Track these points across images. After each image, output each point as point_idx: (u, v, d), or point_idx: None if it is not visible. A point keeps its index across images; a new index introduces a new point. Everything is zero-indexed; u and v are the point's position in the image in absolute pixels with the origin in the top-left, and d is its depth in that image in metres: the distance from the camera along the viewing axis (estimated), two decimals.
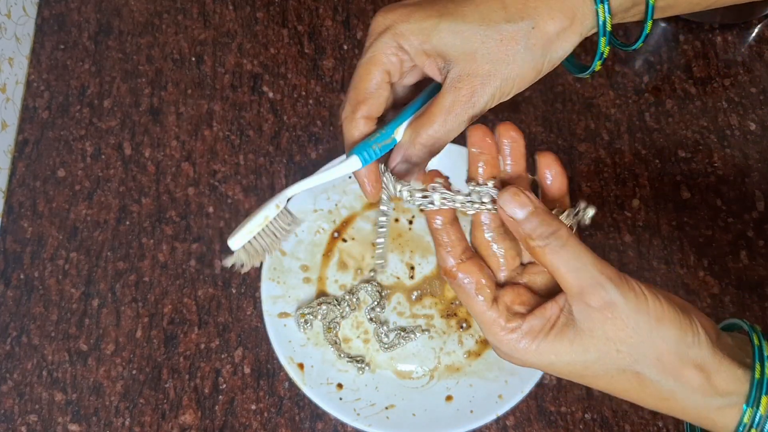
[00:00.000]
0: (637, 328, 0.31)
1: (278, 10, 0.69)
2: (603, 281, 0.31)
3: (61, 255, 0.59)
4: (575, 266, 0.32)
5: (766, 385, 0.31)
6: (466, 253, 0.35)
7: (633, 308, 0.31)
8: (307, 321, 0.55)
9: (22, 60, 0.66)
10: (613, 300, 0.31)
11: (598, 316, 0.31)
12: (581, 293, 0.31)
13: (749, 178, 0.61)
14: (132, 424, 0.54)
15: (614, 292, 0.31)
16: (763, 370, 0.31)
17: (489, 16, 0.34)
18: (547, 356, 0.33)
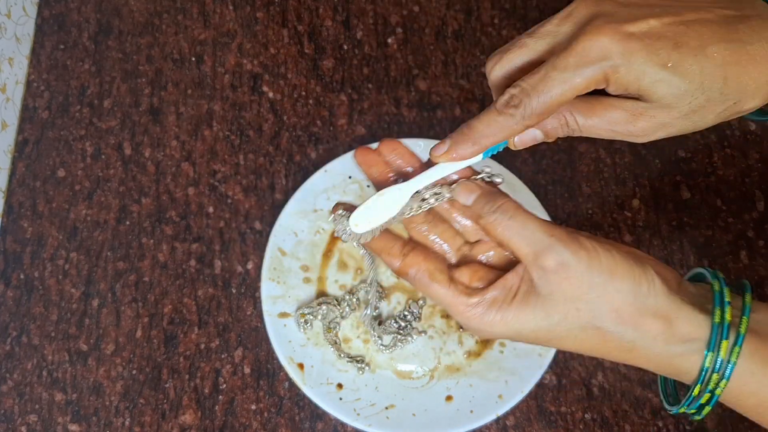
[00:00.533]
0: (591, 284, 0.32)
1: (278, 10, 0.69)
2: (553, 243, 0.32)
3: (61, 255, 0.59)
4: (525, 234, 0.33)
5: (726, 330, 0.31)
6: (406, 248, 0.37)
7: (585, 265, 0.32)
8: (307, 321, 0.55)
9: (22, 60, 0.66)
10: (565, 260, 0.32)
11: (554, 278, 0.32)
12: (535, 258, 0.32)
13: (749, 178, 0.61)
14: (132, 424, 0.54)
15: (565, 252, 0.32)
16: (723, 315, 0.32)
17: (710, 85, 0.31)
18: (513, 325, 0.33)
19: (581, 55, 0.31)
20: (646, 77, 0.31)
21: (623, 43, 0.30)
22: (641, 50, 0.31)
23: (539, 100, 0.32)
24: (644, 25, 0.31)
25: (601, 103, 0.33)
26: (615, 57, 0.31)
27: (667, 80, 0.31)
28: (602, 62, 0.31)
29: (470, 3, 0.69)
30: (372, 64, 0.66)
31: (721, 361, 0.31)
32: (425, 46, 0.67)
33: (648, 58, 0.31)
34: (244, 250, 0.59)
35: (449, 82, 0.65)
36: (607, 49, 0.31)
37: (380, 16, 0.68)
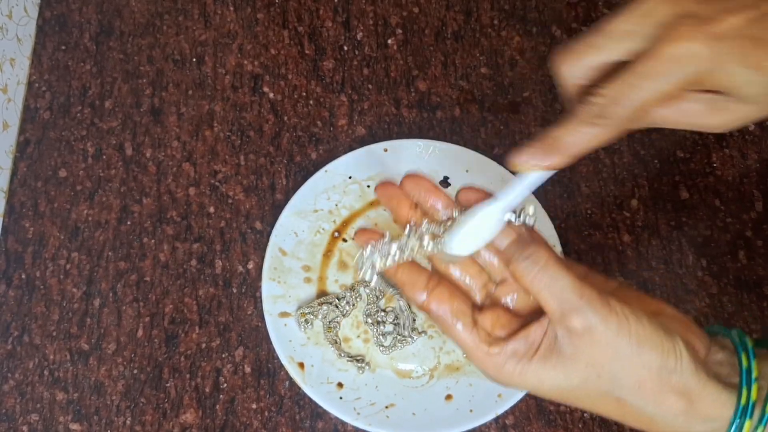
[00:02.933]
0: (616, 353, 0.31)
1: (279, 11, 0.69)
2: (582, 305, 0.31)
3: (63, 255, 0.59)
4: (554, 290, 0.31)
5: (750, 410, 0.30)
6: (431, 283, 0.35)
7: (614, 333, 0.30)
8: (307, 321, 0.55)
9: (24, 61, 0.66)
10: (593, 324, 0.30)
11: (579, 341, 0.31)
12: (562, 318, 0.31)
13: (748, 178, 0.62)
14: (133, 423, 0.54)
15: (593, 316, 0.30)
16: (749, 396, 0.31)
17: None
18: (531, 380, 0.32)
19: (669, 60, 0.29)
20: (736, 79, 0.30)
21: (711, 46, 0.29)
22: (731, 53, 0.29)
23: (626, 108, 0.30)
24: (727, 24, 0.29)
25: (680, 97, 0.32)
26: (705, 62, 0.29)
27: (757, 81, 0.30)
28: (692, 67, 0.29)
29: (470, 4, 0.69)
30: (372, 65, 0.66)
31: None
32: (425, 47, 0.67)
33: (739, 61, 0.29)
34: (244, 249, 0.60)
35: (449, 82, 0.66)
36: (696, 54, 0.29)
37: (380, 17, 0.68)
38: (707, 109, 0.31)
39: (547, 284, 0.31)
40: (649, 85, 0.30)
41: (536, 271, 0.32)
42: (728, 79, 0.30)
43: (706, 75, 0.30)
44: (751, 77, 0.29)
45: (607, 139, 0.31)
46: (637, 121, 0.31)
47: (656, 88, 0.30)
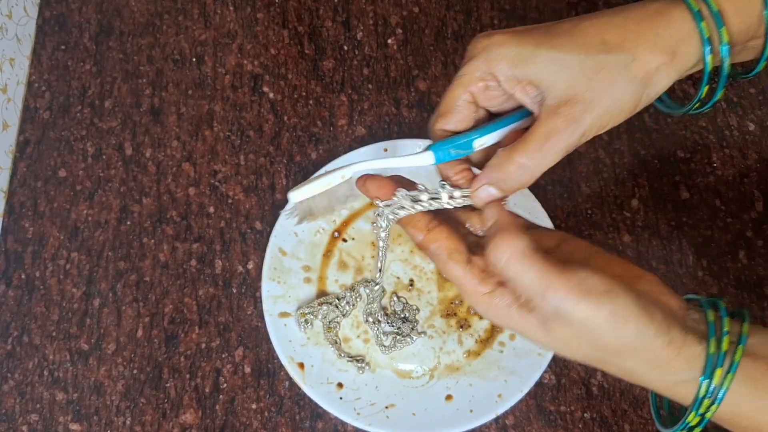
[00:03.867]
0: (592, 331, 0.32)
1: (278, 10, 0.69)
2: (548, 298, 0.32)
3: (62, 255, 0.59)
4: (521, 284, 0.33)
5: (721, 359, 0.32)
6: (432, 223, 0.37)
7: (586, 316, 0.32)
8: (307, 321, 0.55)
9: (23, 60, 0.66)
10: (564, 313, 0.32)
11: (553, 324, 0.33)
12: (534, 304, 0.33)
13: (748, 178, 0.61)
14: (133, 423, 0.54)
15: (562, 306, 0.32)
16: (718, 345, 0.32)
17: (588, 47, 0.34)
18: (515, 326, 0.34)
19: (465, 56, 0.38)
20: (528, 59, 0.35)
21: (498, 36, 0.36)
22: (513, 37, 0.36)
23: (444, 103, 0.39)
24: (519, 28, 0.37)
25: (525, 133, 0.36)
26: (492, 47, 0.36)
27: (547, 56, 0.35)
28: (482, 54, 0.36)
29: (470, 4, 0.69)
30: (372, 65, 0.66)
31: (714, 388, 0.32)
32: (425, 47, 0.67)
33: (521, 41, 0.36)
34: (244, 249, 0.60)
35: (449, 82, 0.65)
36: (484, 43, 0.36)
37: (380, 17, 0.68)
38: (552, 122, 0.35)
39: (513, 278, 0.33)
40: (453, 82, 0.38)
41: (501, 265, 0.33)
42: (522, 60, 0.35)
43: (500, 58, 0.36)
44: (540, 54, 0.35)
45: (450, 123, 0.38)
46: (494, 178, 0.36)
47: (458, 81, 0.38)
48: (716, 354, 0.32)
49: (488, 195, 0.36)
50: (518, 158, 0.35)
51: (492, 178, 0.36)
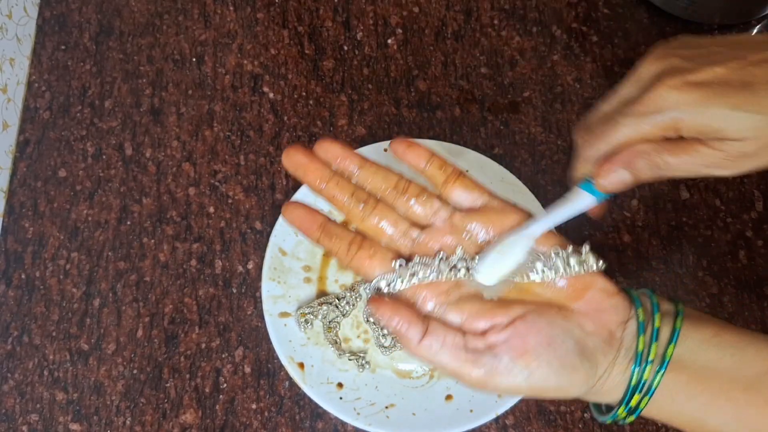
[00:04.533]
0: (519, 391, 0.34)
1: (278, 10, 0.69)
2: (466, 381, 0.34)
3: (62, 255, 0.59)
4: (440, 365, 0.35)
5: (641, 387, 0.34)
6: (353, 246, 0.36)
7: (509, 387, 0.34)
8: (307, 321, 0.55)
9: (23, 60, 0.66)
10: (487, 384, 0.34)
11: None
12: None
13: (748, 178, 0.61)
14: (133, 423, 0.54)
15: (485, 381, 0.34)
16: (648, 344, 0.34)
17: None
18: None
19: (648, 105, 0.33)
20: (719, 120, 0.32)
21: (690, 92, 0.32)
22: (710, 96, 0.32)
23: (606, 141, 0.35)
24: (710, 73, 0.32)
25: (684, 143, 0.34)
26: (682, 106, 0.32)
27: (741, 118, 0.32)
28: (670, 112, 0.32)
29: (470, 4, 0.69)
30: (372, 65, 0.66)
31: (644, 382, 0.34)
32: (425, 47, 0.67)
33: (718, 103, 0.32)
34: (244, 250, 0.60)
35: (449, 82, 0.65)
36: (674, 99, 0.32)
37: (380, 17, 0.68)
38: (711, 152, 0.34)
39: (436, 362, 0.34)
40: (628, 122, 0.33)
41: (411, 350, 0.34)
42: (709, 122, 0.32)
43: (684, 120, 0.32)
44: (730, 116, 0.32)
45: (588, 168, 0.37)
46: (640, 168, 0.35)
47: (633, 125, 0.33)
48: (645, 352, 0.34)
49: (619, 180, 0.36)
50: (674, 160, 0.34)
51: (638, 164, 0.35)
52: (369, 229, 0.36)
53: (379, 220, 0.36)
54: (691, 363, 0.34)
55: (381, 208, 0.36)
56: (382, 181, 0.37)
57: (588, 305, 0.35)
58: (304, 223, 0.37)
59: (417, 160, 0.37)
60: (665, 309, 0.35)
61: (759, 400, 0.33)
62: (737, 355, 0.34)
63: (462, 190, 0.37)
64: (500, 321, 0.34)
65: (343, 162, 0.37)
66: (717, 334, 0.34)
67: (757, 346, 0.34)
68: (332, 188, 0.37)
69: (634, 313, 0.35)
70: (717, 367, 0.33)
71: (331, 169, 0.37)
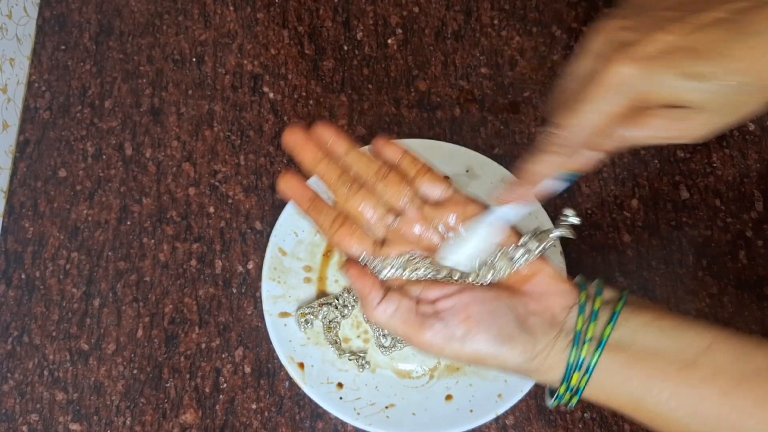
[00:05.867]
0: (459, 358, 0.38)
1: (278, 10, 0.69)
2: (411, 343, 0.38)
3: (62, 255, 0.59)
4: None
5: (586, 336, 0.36)
6: (336, 223, 0.40)
7: (450, 353, 0.37)
8: (307, 321, 0.55)
9: (23, 60, 0.66)
10: (431, 350, 0.38)
11: None
12: None
13: (748, 178, 0.61)
14: (133, 423, 0.54)
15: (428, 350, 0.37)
16: (585, 324, 0.36)
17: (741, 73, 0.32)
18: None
19: (604, 86, 0.32)
20: (674, 90, 0.32)
21: (641, 66, 0.32)
22: (661, 68, 0.32)
23: (573, 132, 0.34)
24: (658, 43, 0.32)
25: (642, 115, 0.34)
26: (637, 82, 0.32)
27: (695, 88, 0.32)
28: (626, 89, 0.32)
29: (470, 4, 0.69)
30: (372, 65, 0.66)
31: (582, 360, 0.35)
32: (425, 47, 0.67)
33: (669, 74, 0.32)
34: (244, 250, 0.60)
35: (449, 82, 0.65)
36: (627, 76, 0.32)
37: (380, 17, 0.68)
38: (670, 122, 0.34)
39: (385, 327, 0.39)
40: (589, 108, 0.33)
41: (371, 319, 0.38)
42: (670, 92, 0.32)
43: (645, 94, 0.32)
44: (686, 86, 0.32)
45: (565, 161, 0.36)
46: (603, 143, 0.35)
47: (595, 110, 0.33)
48: (583, 332, 0.36)
49: (586, 160, 0.37)
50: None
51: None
52: (351, 209, 0.40)
53: (360, 202, 0.40)
54: (630, 344, 0.35)
55: (363, 192, 0.40)
56: (365, 166, 0.41)
57: (535, 288, 0.38)
58: (296, 194, 0.41)
59: (392, 155, 0.41)
60: (609, 296, 0.38)
61: (694, 379, 0.34)
62: (675, 338, 0.35)
63: (429, 183, 0.40)
64: (449, 290, 0.38)
65: (333, 145, 0.41)
66: (657, 318, 0.36)
67: (696, 330, 0.35)
68: (322, 168, 0.40)
69: (579, 301, 0.37)
70: (655, 349, 0.35)
71: (324, 151, 0.41)
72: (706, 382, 0.34)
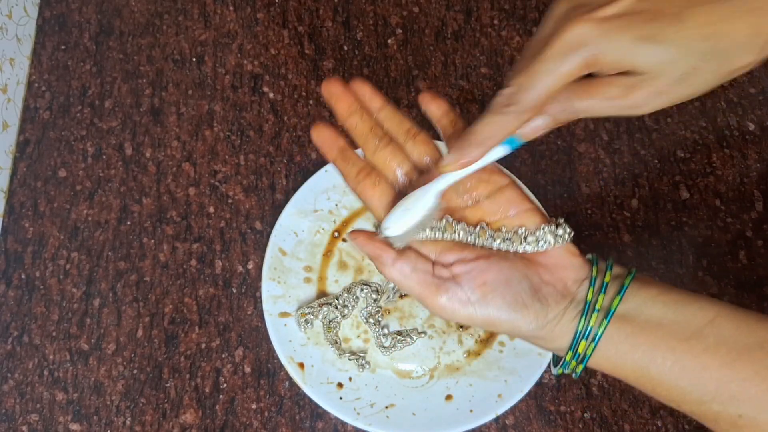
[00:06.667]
0: (473, 321, 0.38)
1: (279, 10, 0.69)
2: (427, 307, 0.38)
3: (62, 255, 0.59)
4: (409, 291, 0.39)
5: (596, 305, 0.36)
6: (362, 173, 0.40)
7: (462, 317, 0.37)
8: (307, 321, 0.55)
9: (24, 60, 0.66)
10: (443, 314, 0.38)
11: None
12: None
13: (748, 178, 0.61)
14: (133, 423, 0.54)
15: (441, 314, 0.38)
16: (594, 295, 0.37)
17: (693, 39, 0.32)
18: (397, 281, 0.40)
19: (560, 45, 0.32)
20: (628, 53, 0.32)
21: (598, 26, 0.32)
22: (617, 29, 0.31)
23: (530, 94, 0.33)
24: (617, 6, 0.32)
25: (595, 83, 0.34)
26: (593, 41, 0.31)
27: (649, 52, 0.32)
28: (582, 49, 0.32)
29: (470, 4, 0.69)
30: (372, 65, 0.66)
31: (590, 329, 0.36)
32: (425, 47, 0.67)
33: (625, 35, 0.31)
34: (244, 250, 0.60)
35: (449, 82, 0.65)
36: (584, 35, 0.32)
37: (380, 17, 0.68)
38: (624, 90, 0.33)
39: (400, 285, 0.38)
40: (545, 68, 0.32)
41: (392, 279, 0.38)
42: (621, 55, 0.32)
43: (599, 55, 0.32)
44: (640, 49, 0.31)
45: (518, 125, 0.34)
46: (554, 111, 0.35)
47: (552, 71, 0.32)
48: (593, 302, 0.36)
49: (537, 126, 0.36)
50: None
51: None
52: (379, 161, 0.40)
53: (388, 155, 0.40)
54: (636, 316, 0.36)
55: (393, 147, 0.40)
56: (398, 124, 0.41)
57: (550, 260, 0.38)
58: (326, 143, 0.40)
59: (436, 111, 0.41)
60: (619, 271, 0.38)
61: (697, 349, 0.35)
62: (680, 311, 0.36)
63: None
64: (467, 255, 0.38)
65: (369, 100, 0.41)
66: (663, 292, 0.37)
67: (700, 304, 0.36)
68: (356, 119, 0.40)
69: (590, 275, 0.38)
70: (660, 321, 0.36)
71: (358, 104, 0.40)
72: (709, 353, 0.34)
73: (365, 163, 0.40)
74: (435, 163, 0.40)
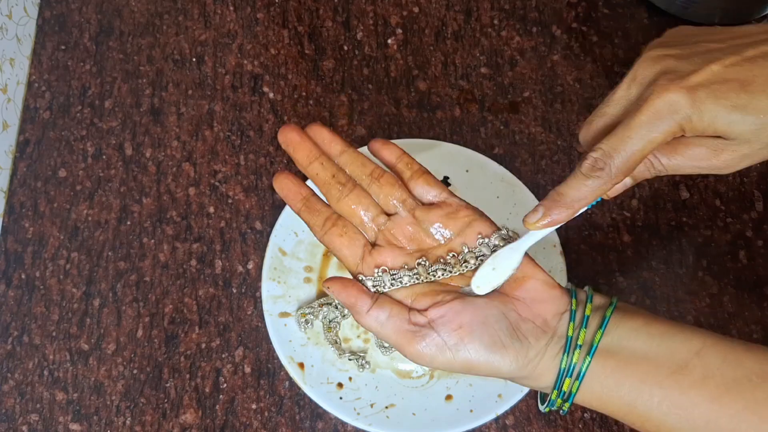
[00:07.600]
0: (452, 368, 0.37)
1: (279, 10, 0.69)
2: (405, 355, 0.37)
3: (62, 255, 0.59)
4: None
5: (577, 342, 0.36)
6: (328, 223, 0.40)
7: (440, 364, 0.37)
8: (307, 321, 0.55)
9: (23, 60, 0.66)
10: (421, 362, 0.37)
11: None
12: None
13: (748, 178, 0.61)
14: (133, 423, 0.54)
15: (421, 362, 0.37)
16: (576, 330, 0.36)
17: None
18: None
19: (652, 112, 0.33)
20: (721, 121, 0.32)
21: (690, 95, 0.32)
22: (709, 98, 0.32)
23: (620, 159, 0.34)
24: (707, 73, 0.32)
25: (683, 144, 0.35)
26: (684, 109, 0.32)
27: (740, 120, 0.32)
28: (674, 116, 0.32)
29: (470, 4, 0.69)
30: (372, 65, 0.66)
31: (573, 366, 0.36)
32: (425, 47, 0.67)
33: (717, 104, 0.32)
34: (244, 250, 0.60)
35: (449, 82, 0.66)
36: (676, 103, 0.32)
37: (380, 17, 0.68)
38: (711, 152, 0.34)
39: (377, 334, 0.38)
40: (636, 135, 0.33)
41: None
42: (711, 123, 0.32)
43: (689, 122, 0.32)
44: (731, 117, 0.32)
45: (608, 189, 0.35)
46: (643, 171, 0.36)
47: (643, 137, 0.33)
48: (574, 338, 0.36)
49: (621, 186, 0.38)
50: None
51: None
52: (344, 209, 0.40)
53: (353, 202, 0.40)
54: (620, 350, 0.35)
55: (357, 192, 0.40)
56: (360, 167, 0.40)
57: (527, 294, 0.38)
58: (290, 193, 0.40)
59: (389, 157, 0.41)
60: (599, 302, 0.38)
61: (684, 383, 0.34)
62: (665, 343, 0.35)
63: (424, 186, 0.40)
64: (441, 299, 0.37)
65: (328, 145, 0.40)
66: (647, 323, 0.36)
67: (685, 335, 0.36)
68: (316, 167, 0.40)
69: (570, 307, 0.37)
70: (645, 354, 0.35)
71: (318, 151, 0.40)
72: (696, 387, 0.34)
73: (331, 211, 0.40)
74: (401, 203, 0.40)
